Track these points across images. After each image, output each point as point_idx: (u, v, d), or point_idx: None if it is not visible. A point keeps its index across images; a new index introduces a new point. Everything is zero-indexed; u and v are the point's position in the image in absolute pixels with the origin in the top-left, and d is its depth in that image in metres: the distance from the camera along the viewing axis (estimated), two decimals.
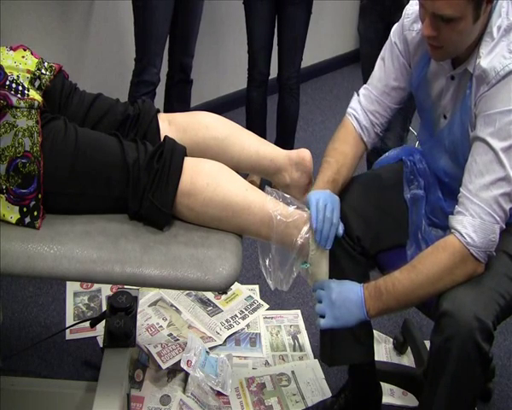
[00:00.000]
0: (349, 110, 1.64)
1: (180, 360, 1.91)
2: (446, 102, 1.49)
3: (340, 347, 1.66)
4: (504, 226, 1.35)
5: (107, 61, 2.95)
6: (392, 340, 2.19)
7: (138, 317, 2.02)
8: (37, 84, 1.41)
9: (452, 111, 1.48)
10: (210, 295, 2.31)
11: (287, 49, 2.76)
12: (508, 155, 1.31)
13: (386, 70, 1.60)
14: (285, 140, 2.94)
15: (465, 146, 1.42)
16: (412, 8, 1.54)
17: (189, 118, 1.56)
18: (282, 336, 2.20)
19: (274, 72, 2.87)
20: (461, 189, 1.37)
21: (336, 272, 1.48)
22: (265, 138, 1.67)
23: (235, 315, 2.24)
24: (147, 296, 2.26)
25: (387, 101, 1.61)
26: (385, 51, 1.61)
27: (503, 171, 1.31)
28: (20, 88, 1.34)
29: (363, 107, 1.62)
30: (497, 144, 1.31)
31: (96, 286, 2.30)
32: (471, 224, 1.32)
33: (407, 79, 1.59)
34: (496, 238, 1.34)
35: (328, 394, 1.98)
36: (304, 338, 2.20)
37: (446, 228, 1.41)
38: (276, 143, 1.63)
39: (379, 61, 1.62)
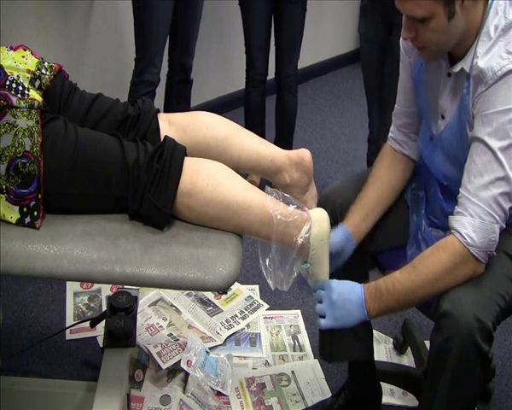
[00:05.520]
0: (388, 134, 1.68)
1: (180, 360, 1.91)
2: (443, 100, 1.48)
3: (339, 343, 1.66)
4: (504, 226, 1.35)
5: (107, 61, 2.96)
6: (392, 340, 2.19)
7: (138, 317, 2.02)
8: (37, 84, 1.41)
9: (450, 111, 1.47)
10: (210, 295, 2.31)
11: (285, 47, 2.76)
12: (506, 154, 1.31)
13: (401, 77, 1.62)
14: (284, 138, 2.94)
15: (464, 146, 1.41)
16: None
17: (189, 118, 1.56)
18: (282, 336, 2.20)
19: (271, 71, 2.87)
20: (460, 189, 1.37)
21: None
22: (264, 139, 1.67)
23: (235, 315, 2.24)
24: (147, 296, 2.26)
25: (408, 107, 1.63)
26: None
27: (502, 170, 1.31)
28: (20, 88, 1.33)
29: (395, 124, 1.66)
30: (495, 144, 1.31)
31: (96, 286, 2.30)
32: (471, 224, 1.32)
33: None
34: (496, 238, 1.34)
35: (328, 394, 1.98)
36: (304, 338, 2.19)
37: (446, 228, 1.41)
38: (276, 143, 1.63)
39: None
